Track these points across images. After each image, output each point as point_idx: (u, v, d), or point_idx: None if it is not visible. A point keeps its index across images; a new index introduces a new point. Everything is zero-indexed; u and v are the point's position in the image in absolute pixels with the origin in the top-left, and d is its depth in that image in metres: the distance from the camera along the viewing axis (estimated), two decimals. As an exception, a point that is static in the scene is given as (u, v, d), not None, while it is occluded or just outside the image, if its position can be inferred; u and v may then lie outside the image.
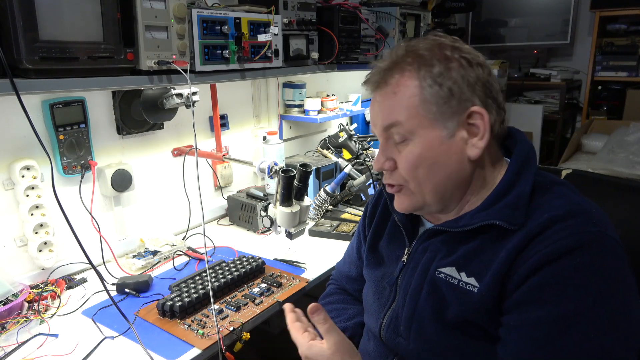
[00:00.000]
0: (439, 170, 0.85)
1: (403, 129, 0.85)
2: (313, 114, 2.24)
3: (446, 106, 0.83)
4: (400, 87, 0.85)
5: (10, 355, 1.13)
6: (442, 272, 0.86)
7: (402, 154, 0.86)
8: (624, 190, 1.12)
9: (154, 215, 1.78)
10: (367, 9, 2.09)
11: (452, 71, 0.83)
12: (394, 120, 0.86)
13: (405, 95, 0.85)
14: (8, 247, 1.40)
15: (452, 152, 0.85)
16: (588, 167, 2.92)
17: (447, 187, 0.87)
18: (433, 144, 0.84)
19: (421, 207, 0.90)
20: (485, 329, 0.81)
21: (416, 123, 0.84)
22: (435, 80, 0.83)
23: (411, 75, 0.84)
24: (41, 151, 1.13)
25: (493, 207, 0.83)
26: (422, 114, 0.84)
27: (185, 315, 1.26)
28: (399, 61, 0.87)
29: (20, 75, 1.05)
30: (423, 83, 0.83)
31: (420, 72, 0.84)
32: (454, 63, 0.84)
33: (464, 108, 0.83)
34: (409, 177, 0.87)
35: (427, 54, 0.85)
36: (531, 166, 0.87)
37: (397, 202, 0.93)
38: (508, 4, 4.08)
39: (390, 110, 0.86)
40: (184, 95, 1.53)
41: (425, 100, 0.83)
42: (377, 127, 0.90)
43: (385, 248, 1.04)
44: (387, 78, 0.87)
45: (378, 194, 1.14)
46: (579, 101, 4.12)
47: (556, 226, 0.76)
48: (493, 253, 0.81)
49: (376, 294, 1.01)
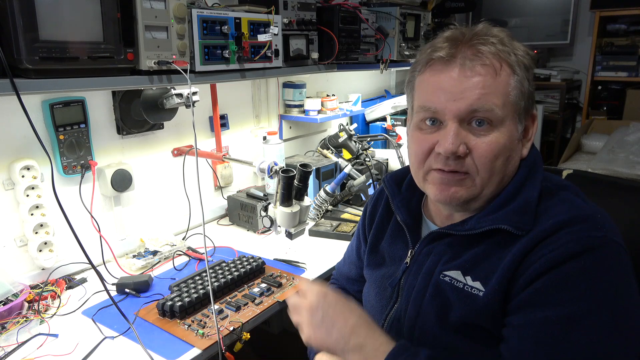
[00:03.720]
0: (510, 165, 0.85)
1: (494, 114, 0.80)
2: (313, 114, 2.24)
3: (527, 103, 0.84)
4: (503, 71, 0.80)
5: (10, 355, 1.13)
6: (448, 275, 0.85)
7: (485, 140, 0.81)
8: (624, 190, 1.12)
9: (154, 215, 1.78)
10: (367, 9, 2.09)
11: (531, 70, 0.84)
12: (490, 103, 0.79)
13: (506, 81, 0.80)
14: (8, 247, 1.40)
15: (519, 149, 0.86)
16: (588, 167, 2.92)
17: (506, 182, 0.86)
18: (513, 138, 0.83)
19: (474, 200, 0.86)
20: (490, 331, 0.81)
21: (507, 112, 0.81)
22: (526, 75, 0.83)
23: (506, 59, 0.81)
24: (41, 151, 1.13)
25: (500, 211, 0.83)
26: (514, 104, 0.82)
27: (185, 315, 1.26)
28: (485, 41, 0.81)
29: (20, 75, 1.05)
30: (518, 72, 0.81)
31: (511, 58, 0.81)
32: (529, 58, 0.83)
33: (532, 109, 0.85)
34: (484, 167, 0.82)
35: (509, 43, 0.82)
36: (538, 171, 0.87)
37: (450, 189, 0.84)
38: (508, 4, 4.08)
39: (489, 90, 0.79)
40: (184, 95, 1.53)
41: (521, 93, 0.82)
42: (462, 103, 0.80)
43: (387, 248, 1.03)
44: (486, 52, 0.80)
45: (378, 193, 1.13)
46: (579, 101, 4.12)
47: (562, 231, 0.76)
48: (499, 258, 0.81)
49: (378, 295, 1.00)
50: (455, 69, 0.81)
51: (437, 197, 0.87)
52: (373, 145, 2.45)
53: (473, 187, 0.84)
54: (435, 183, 0.86)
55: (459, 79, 0.80)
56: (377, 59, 2.15)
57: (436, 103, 0.82)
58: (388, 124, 2.64)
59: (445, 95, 0.81)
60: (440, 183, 0.85)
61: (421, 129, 0.87)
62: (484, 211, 0.86)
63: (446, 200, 0.86)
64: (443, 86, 0.81)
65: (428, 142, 0.85)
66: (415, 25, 2.30)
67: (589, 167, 2.91)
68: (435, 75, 0.83)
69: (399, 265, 0.97)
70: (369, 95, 2.92)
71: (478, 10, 4.14)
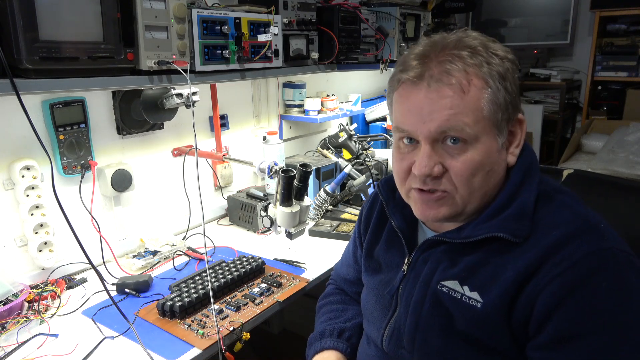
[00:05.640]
0: (491, 179, 0.82)
1: (466, 133, 0.77)
2: (313, 114, 2.24)
3: (506, 112, 0.79)
4: (472, 87, 0.77)
5: (10, 355, 1.13)
6: (445, 285, 0.84)
7: (459, 159, 0.79)
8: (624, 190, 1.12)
9: (154, 215, 1.78)
10: (367, 9, 2.09)
11: (509, 74, 0.78)
12: (460, 122, 0.76)
13: (476, 96, 0.77)
14: (8, 247, 1.40)
15: (502, 160, 0.83)
16: (588, 167, 2.92)
17: (491, 195, 0.84)
18: (491, 151, 0.80)
19: (457, 216, 0.85)
20: (490, 344, 0.79)
21: (481, 128, 0.78)
22: (500, 82, 0.77)
23: (476, 73, 0.77)
24: (41, 151, 1.13)
25: (496, 219, 0.81)
26: (487, 118, 0.78)
27: (185, 315, 1.26)
28: (454, 54, 0.78)
29: (20, 75, 1.05)
30: (491, 84, 0.77)
31: (482, 70, 0.77)
32: (509, 64, 0.79)
33: (515, 114, 0.81)
34: (462, 185, 0.80)
35: (483, 51, 0.78)
36: (534, 175, 0.84)
37: (432, 209, 0.84)
38: (508, 4, 4.08)
39: (457, 110, 0.76)
40: (184, 95, 1.53)
41: (495, 105, 0.78)
42: (431, 124, 0.78)
43: (382, 254, 1.01)
44: (452, 71, 0.77)
45: (373, 197, 1.10)
46: (579, 101, 4.12)
47: (569, 246, 0.74)
48: (497, 266, 0.79)
49: (377, 303, 0.98)
50: (422, 90, 0.78)
51: (419, 216, 0.88)
52: (373, 145, 2.45)
53: (454, 204, 0.83)
54: (416, 202, 0.86)
55: (426, 100, 0.78)
56: (377, 59, 2.15)
57: (408, 125, 0.81)
58: (388, 124, 2.64)
59: (415, 117, 0.79)
60: (421, 202, 0.85)
61: (399, 148, 0.86)
62: (480, 218, 0.84)
63: (428, 219, 0.87)
64: (412, 108, 0.80)
65: (406, 162, 0.84)
66: (415, 25, 2.30)
67: (589, 167, 2.91)
68: (405, 96, 0.82)
69: (395, 272, 0.95)
70: (369, 95, 2.92)
71: (478, 10, 4.14)
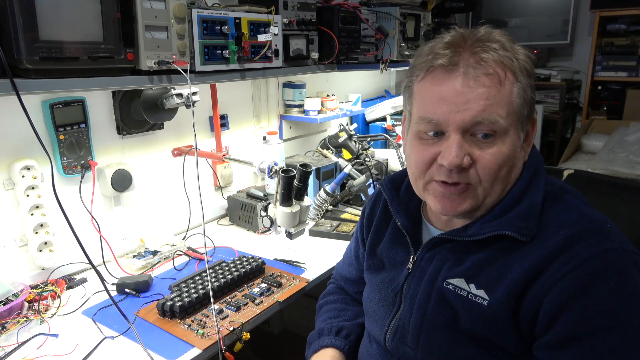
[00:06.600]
0: (512, 174, 0.83)
1: (498, 125, 0.78)
2: (313, 114, 2.24)
3: (528, 110, 0.82)
4: (507, 79, 0.78)
5: (11, 355, 1.13)
6: (451, 283, 0.84)
7: (488, 152, 0.79)
8: (624, 190, 1.12)
9: (154, 215, 1.78)
10: (367, 9, 2.09)
11: (533, 71, 0.82)
12: (494, 114, 0.77)
13: (510, 90, 0.78)
14: (8, 247, 1.40)
15: (521, 156, 0.85)
16: (588, 167, 2.92)
17: (509, 189, 0.85)
18: (516, 146, 0.81)
19: (474, 211, 0.85)
20: (496, 342, 0.79)
21: (511, 122, 0.79)
22: (528, 82, 0.80)
23: (510, 66, 0.78)
24: (41, 151, 1.13)
25: (504, 217, 0.82)
26: (518, 113, 0.80)
27: (185, 315, 1.26)
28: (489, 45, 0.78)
29: (20, 75, 1.05)
30: (521, 79, 0.79)
31: (514, 64, 0.78)
32: (530, 62, 0.81)
33: (532, 113, 0.84)
34: (487, 178, 0.80)
35: (510, 47, 0.80)
36: (541, 174, 0.85)
37: (453, 202, 0.83)
38: (508, 4, 4.08)
39: (493, 101, 0.77)
40: (184, 95, 1.53)
41: (524, 100, 0.80)
42: (465, 114, 0.77)
43: (385, 253, 1.01)
44: (489, 60, 0.77)
45: (376, 195, 1.11)
46: (579, 101, 4.12)
47: (576, 246, 0.74)
48: (504, 264, 0.79)
49: (380, 301, 0.98)
50: (458, 79, 0.77)
51: (438, 210, 0.85)
52: (373, 145, 2.45)
53: (475, 198, 0.82)
54: (436, 195, 0.84)
55: (462, 89, 0.77)
56: (377, 59, 2.15)
57: (439, 114, 0.79)
58: (388, 124, 2.64)
59: (448, 107, 0.78)
60: (442, 196, 0.83)
61: (422, 139, 0.84)
62: (487, 216, 0.84)
63: (448, 213, 0.85)
64: (445, 97, 0.78)
65: (430, 153, 0.82)
66: (415, 25, 2.30)
67: (589, 167, 2.91)
68: (436, 84, 0.79)
69: (400, 270, 0.95)
70: (369, 95, 2.92)
71: (478, 10, 4.14)
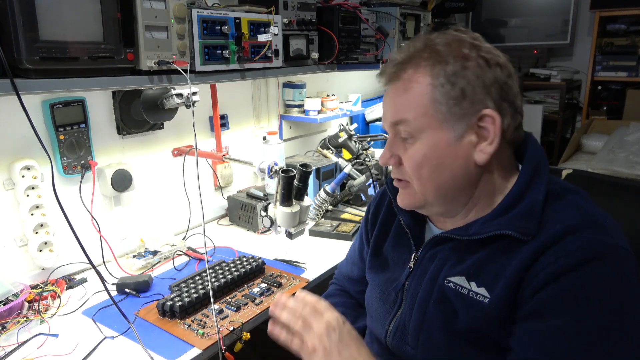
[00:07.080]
0: (443, 172, 0.83)
1: (410, 127, 0.84)
2: (313, 114, 2.24)
3: (457, 107, 0.80)
4: (412, 83, 0.83)
5: (11, 355, 1.13)
6: (452, 281, 0.84)
7: (408, 152, 0.85)
8: (624, 190, 1.12)
9: (154, 215, 1.78)
10: (367, 9, 2.09)
11: (468, 71, 0.80)
12: (402, 118, 0.84)
13: (416, 93, 0.83)
14: (8, 247, 1.40)
15: (459, 155, 0.82)
16: (588, 167, 2.92)
17: (449, 189, 0.85)
18: (439, 145, 0.82)
19: (422, 206, 0.89)
20: (496, 340, 0.79)
21: (424, 122, 0.82)
22: (448, 79, 0.80)
23: (425, 71, 0.82)
24: (41, 151, 1.13)
25: (505, 216, 0.81)
26: (431, 113, 0.82)
27: (185, 315, 1.26)
28: (415, 55, 0.84)
29: (20, 75, 1.05)
30: (435, 81, 0.81)
31: (434, 70, 0.81)
32: (471, 62, 0.80)
33: (476, 110, 0.80)
34: (413, 176, 0.86)
35: (445, 50, 0.82)
36: (543, 173, 0.84)
37: (400, 197, 0.92)
38: (508, 4, 4.08)
39: (400, 106, 0.85)
40: (184, 95, 1.53)
41: (436, 100, 0.81)
42: (386, 121, 0.89)
43: (390, 251, 1.02)
44: (400, 73, 0.85)
45: (381, 193, 1.11)
46: (579, 101, 4.12)
47: (571, 237, 0.75)
48: (504, 263, 0.79)
49: (381, 300, 0.98)
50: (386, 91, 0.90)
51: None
52: (373, 145, 2.45)
53: (415, 194, 0.88)
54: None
55: (385, 100, 0.90)
56: (377, 59, 2.15)
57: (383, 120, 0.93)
58: (388, 124, 2.64)
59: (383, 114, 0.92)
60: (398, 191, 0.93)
61: None
62: (488, 215, 0.84)
63: (401, 205, 0.93)
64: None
65: None
66: (415, 25, 2.30)
67: (589, 167, 2.91)
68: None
69: (402, 269, 0.95)
70: (369, 95, 2.92)
71: (478, 10, 4.14)
